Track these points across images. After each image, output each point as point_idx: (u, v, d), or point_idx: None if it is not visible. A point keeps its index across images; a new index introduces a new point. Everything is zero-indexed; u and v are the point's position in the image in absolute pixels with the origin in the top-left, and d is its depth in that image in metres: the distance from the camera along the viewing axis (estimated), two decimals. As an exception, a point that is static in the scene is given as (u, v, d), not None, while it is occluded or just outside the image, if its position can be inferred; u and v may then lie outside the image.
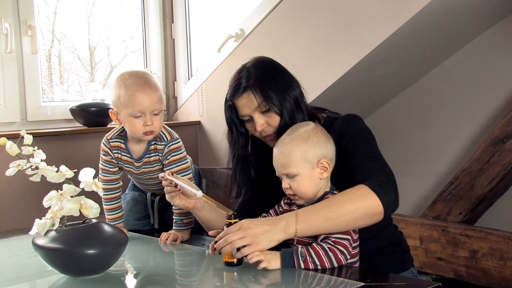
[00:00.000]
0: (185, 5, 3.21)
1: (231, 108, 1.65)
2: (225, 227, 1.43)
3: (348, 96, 2.83)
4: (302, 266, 1.36)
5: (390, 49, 2.51)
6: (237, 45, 2.89)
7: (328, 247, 1.37)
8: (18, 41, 2.58)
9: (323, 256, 1.36)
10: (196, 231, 1.81)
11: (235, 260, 1.40)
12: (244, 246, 1.36)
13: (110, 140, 1.79)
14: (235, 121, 1.66)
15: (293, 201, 1.52)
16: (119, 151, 1.79)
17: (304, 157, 1.43)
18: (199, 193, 1.55)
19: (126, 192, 2.00)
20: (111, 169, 1.80)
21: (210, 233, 1.45)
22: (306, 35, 2.64)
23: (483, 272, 2.60)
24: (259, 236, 1.35)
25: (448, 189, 2.83)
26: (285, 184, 1.46)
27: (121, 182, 1.85)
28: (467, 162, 2.77)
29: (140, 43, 3.24)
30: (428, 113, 3.09)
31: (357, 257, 1.47)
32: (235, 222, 1.42)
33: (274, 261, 1.36)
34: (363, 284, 1.26)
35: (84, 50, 3.15)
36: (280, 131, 1.58)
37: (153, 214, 1.94)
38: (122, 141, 1.78)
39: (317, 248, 1.37)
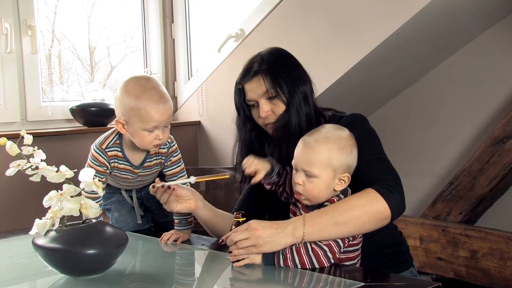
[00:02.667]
0: (185, 5, 3.21)
1: (240, 92, 1.64)
2: (233, 226, 1.43)
3: (348, 96, 2.83)
4: (282, 264, 1.36)
5: (390, 49, 2.51)
6: (237, 45, 2.89)
7: (312, 248, 1.37)
8: (18, 41, 2.58)
9: (304, 256, 1.36)
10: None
11: None
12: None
13: (106, 150, 1.70)
14: (243, 105, 1.66)
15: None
16: (116, 160, 1.72)
17: (332, 164, 1.39)
18: (192, 178, 1.55)
19: (105, 202, 1.90)
20: (102, 179, 1.71)
21: (223, 237, 1.45)
22: (306, 35, 2.64)
23: (483, 272, 2.60)
24: (264, 238, 1.34)
25: (448, 189, 2.83)
26: (299, 179, 1.41)
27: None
28: (467, 162, 2.77)
29: (140, 43, 3.24)
30: (428, 113, 3.09)
31: (357, 259, 1.47)
32: (243, 221, 1.42)
33: (256, 257, 1.37)
34: (363, 284, 1.26)
35: (84, 50, 3.15)
36: (281, 120, 1.58)
37: (134, 208, 1.91)
38: (119, 149, 1.71)
39: (301, 248, 1.37)
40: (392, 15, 2.35)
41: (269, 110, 1.59)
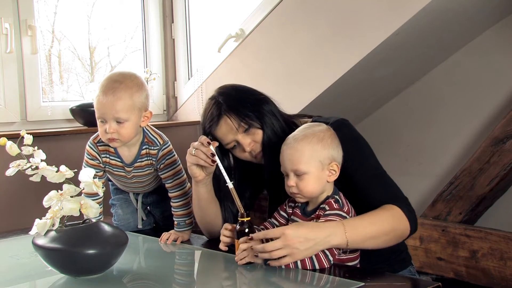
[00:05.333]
0: (185, 5, 3.21)
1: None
2: (237, 226, 1.43)
3: (348, 96, 2.84)
4: (283, 266, 1.36)
5: (390, 49, 2.51)
6: (237, 45, 2.89)
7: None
8: (18, 41, 2.58)
9: (306, 258, 1.35)
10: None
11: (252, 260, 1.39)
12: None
13: (98, 144, 1.73)
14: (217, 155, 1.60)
15: (296, 204, 1.51)
16: (107, 155, 1.74)
17: (316, 156, 1.42)
18: (230, 184, 1.50)
19: (113, 197, 1.94)
20: (97, 174, 1.71)
21: (240, 240, 1.42)
22: (306, 35, 2.64)
23: (483, 272, 2.60)
24: (300, 248, 1.33)
25: (448, 189, 2.83)
26: (291, 182, 1.43)
27: (104, 187, 1.82)
28: (467, 162, 2.77)
29: (140, 43, 3.24)
30: (428, 113, 3.09)
31: (357, 261, 1.48)
32: (247, 221, 1.42)
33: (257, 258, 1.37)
34: (363, 284, 1.26)
35: (84, 50, 3.15)
36: (265, 145, 1.57)
37: (137, 211, 1.91)
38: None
39: None
40: (392, 15, 2.35)
41: (251, 142, 1.59)
